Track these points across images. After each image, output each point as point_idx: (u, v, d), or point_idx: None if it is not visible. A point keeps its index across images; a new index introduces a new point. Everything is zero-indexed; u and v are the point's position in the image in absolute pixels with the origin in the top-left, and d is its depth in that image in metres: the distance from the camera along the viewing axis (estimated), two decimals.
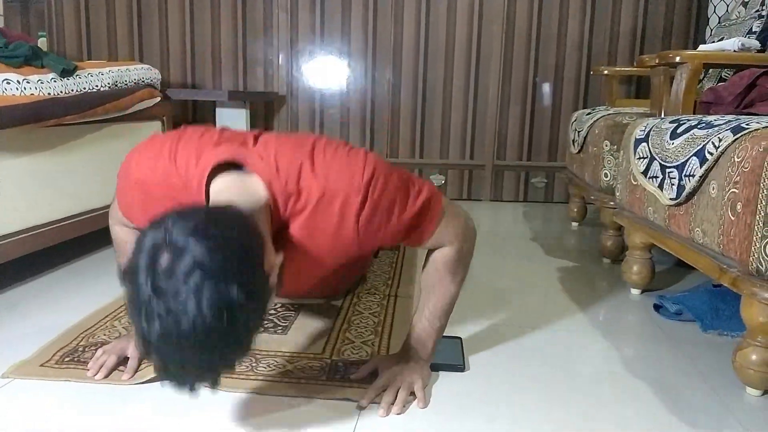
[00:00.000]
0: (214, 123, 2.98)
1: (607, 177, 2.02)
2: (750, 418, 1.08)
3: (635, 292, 1.75)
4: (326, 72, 3.25)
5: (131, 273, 0.77)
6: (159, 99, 2.23)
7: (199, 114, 3.25)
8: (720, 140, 1.22)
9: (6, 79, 1.51)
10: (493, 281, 1.85)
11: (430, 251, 1.16)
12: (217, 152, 1.00)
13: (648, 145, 1.54)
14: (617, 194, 1.75)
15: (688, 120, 1.43)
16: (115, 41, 3.26)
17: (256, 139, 1.07)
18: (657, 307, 1.61)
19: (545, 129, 3.23)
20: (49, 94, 1.63)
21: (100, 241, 2.10)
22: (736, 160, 1.14)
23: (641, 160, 1.57)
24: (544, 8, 3.12)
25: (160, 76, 2.30)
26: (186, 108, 3.24)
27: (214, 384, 0.84)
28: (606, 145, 2.01)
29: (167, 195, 1.01)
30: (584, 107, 3.10)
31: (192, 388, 0.81)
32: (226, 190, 0.97)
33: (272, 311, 1.50)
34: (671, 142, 1.42)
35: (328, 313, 1.51)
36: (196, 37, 3.24)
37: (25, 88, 1.55)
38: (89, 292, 1.63)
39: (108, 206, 1.95)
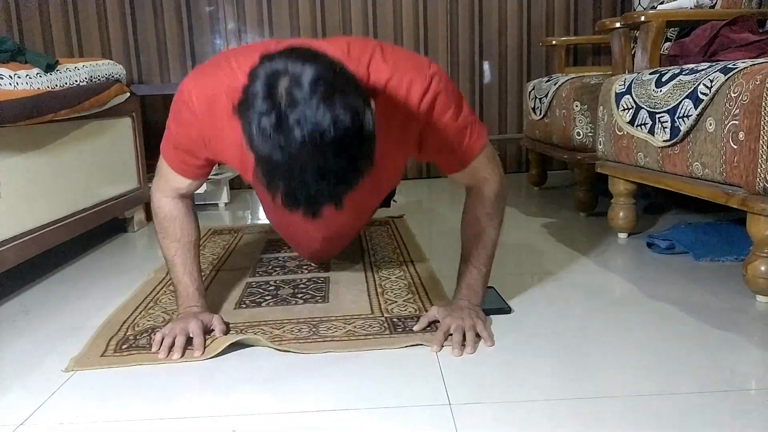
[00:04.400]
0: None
1: (579, 135, 2.16)
2: (766, 318, 1.23)
3: (622, 236, 1.90)
4: None
5: (252, 98, 0.79)
6: (128, 95, 2.17)
7: (157, 109, 3.15)
8: (711, 81, 1.36)
9: None
10: None
11: (468, 198, 1.23)
12: (284, 43, 0.98)
13: (632, 96, 1.68)
14: (600, 147, 1.90)
15: (669, 70, 1.58)
16: (51, 39, 3.10)
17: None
18: (649, 246, 1.76)
19: (494, 103, 3.37)
20: (38, 88, 1.56)
21: (93, 241, 2.04)
22: (733, 95, 1.28)
23: (626, 111, 1.71)
24: None
25: (124, 72, 2.23)
26: (143, 104, 3.14)
27: (339, 204, 0.85)
28: (576, 106, 2.16)
29: (234, 99, 0.97)
30: (528, 80, 3.27)
31: (319, 208, 0.85)
32: None
33: (302, 286, 1.53)
34: (658, 90, 1.56)
35: (356, 282, 1.55)
36: (139, 33, 3.14)
37: (17, 83, 1.49)
38: (96, 291, 1.59)
39: (99, 204, 1.92)
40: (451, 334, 1.16)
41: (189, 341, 1.17)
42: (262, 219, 2.48)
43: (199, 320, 1.20)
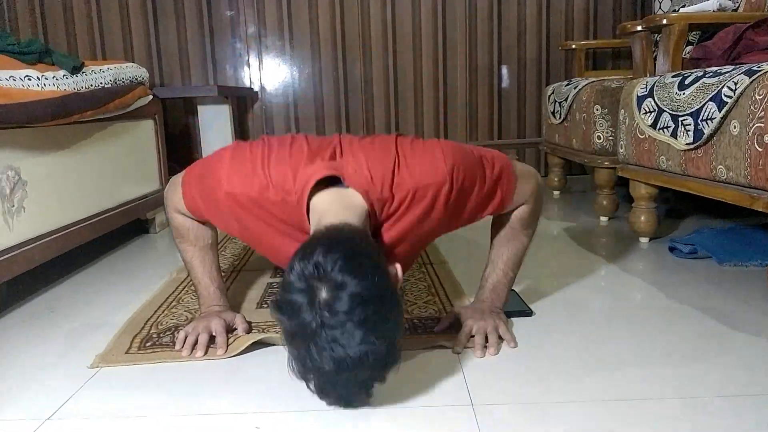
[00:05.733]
0: (196, 120, 2.95)
1: (600, 139, 2.15)
2: None
3: (644, 240, 1.88)
4: (297, 67, 3.27)
5: (292, 308, 0.84)
6: (151, 97, 2.20)
7: (179, 112, 3.19)
8: (736, 84, 1.35)
9: (27, 75, 1.46)
10: None
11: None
12: (314, 169, 1.04)
13: (654, 99, 1.67)
14: (621, 151, 1.88)
15: (692, 72, 1.57)
16: (75, 42, 3.15)
17: (340, 146, 1.12)
18: (671, 250, 1.74)
19: (512, 108, 3.37)
20: (65, 90, 1.59)
21: (115, 242, 2.07)
22: (758, 97, 1.27)
23: (647, 114, 1.70)
24: None
25: (148, 74, 2.26)
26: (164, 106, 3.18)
27: (369, 397, 0.93)
28: (597, 110, 2.15)
29: (262, 208, 1.06)
30: (547, 84, 3.26)
31: (350, 404, 0.93)
32: (328, 205, 1.02)
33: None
34: (681, 92, 1.55)
35: None
36: (161, 36, 3.18)
37: (45, 84, 1.51)
38: (120, 289, 1.61)
39: (123, 204, 1.95)
40: (473, 336, 1.16)
41: (212, 339, 1.18)
42: None
43: (222, 319, 1.21)
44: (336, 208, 1.01)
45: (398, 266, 0.98)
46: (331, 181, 1.04)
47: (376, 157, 1.08)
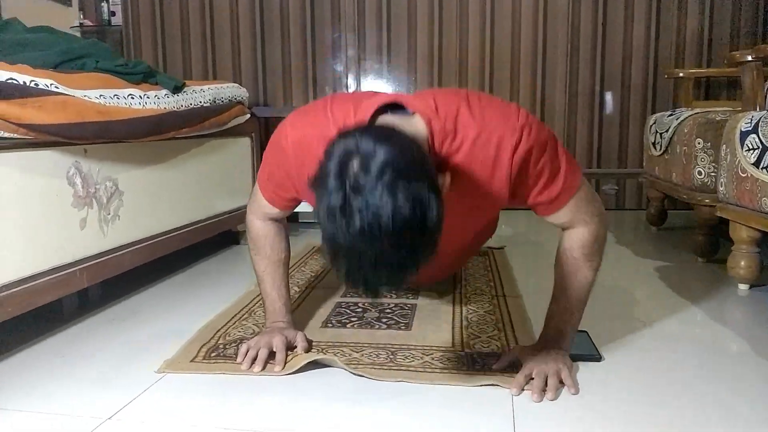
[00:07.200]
0: None
1: (701, 175, 2.01)
2: None
3: (743, 287, 1.73)
4: (393, 89, 3.31)
5: (324, 177, 0.82)
6: (249, 116, 2.31)
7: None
8: None
9: (130, 94, 1.59)
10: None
11: (565, 236, 1.17)
12: (377, 99, 1.03)
13: (758, 136, 1.54)
14: (721, 189, 1.75)
15: None
16: (189, 64, 3.39)
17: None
18: None
19: (614, 135, 3.22)
20: (165, 108, 1.71)
21: (206, 251, 2.18)
22: None
23: (751, 151, 1.56)
24: (609, 14, 3.14)
25: (247, 94, 2.38)
26: (261, 125, 3.33)
27: (399, 287, 0.88)
28: (699, 143, 2.01)
29: (324, 148, 1.01)
30: (653, 112, 3.09)
31: (378, 291, 0.86)
32: (387, 124, 0.99)
33: (388, 311, 1.53)
34: None
35: (442, 312, 1.53)
36: (267, 58, 3.34)
37: (146, 103, 1.63)
38: (202, 298, 1.69)
39: (214, 216, 2.06)
40: (532, 378, 1.11)
41: (272, 355, 1.21)
42: None
43: (283, 336, 1.24)
44: (395, 126, 0.96)
45: (447, 175, 0.94)
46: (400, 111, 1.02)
47: (446, 95, 1.06)
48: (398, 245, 0.80)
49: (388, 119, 1.00)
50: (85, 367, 1.21)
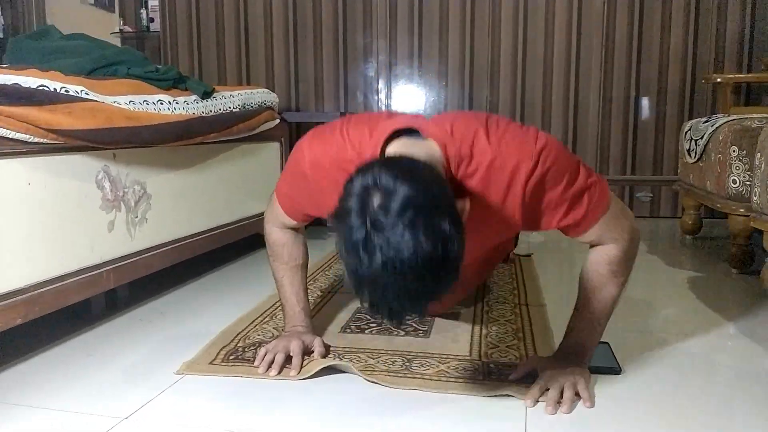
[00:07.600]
0: None
1: (735, 183, 1.95)
2: None
3: None
4: (424, 93, 3.31)
5: (345, 214, 0.84)
6: (278, 121, 2.34)
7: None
8: None
9: (159, 100, 1.63)
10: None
11: (593, 250, 1.15)
12: (392, 122, 1.04)
13: None
14: (755, 198, 1.69)
15: None
16: (224, 69, 3.45)
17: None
18: None
19: (649, 142, 3.16)
20: (194, 113, 1.74)
21: (232, 255, 2.22)
22: None
23: None
24: (645, 18, 3.08)
25: (278, 100, 2.41)
26: (292, 130, 3.38)
27: (422, 314, 0.89)
28: (734, 151, 1.95)
29: (341, 170, 1.03)
30: (690, 118, 3.01)
31: (401, 319, 0.88)
32: (401, 149, 1.00)
33: (407, 318, 1.53)
34: None
35: (463, 320, 1.52)
36: (300, 64, 3.38)
37: (174, 108, 1.67)
38: (227, 301, 1.71)
39: (242, 220, 2.10)
40: (548, 389, 1.09)
41: (289, 359, 1.22)
42: None
43: (301, 341, 1.25)
44: (409, 151, 0.98)
45: (467, 201, 0.95)
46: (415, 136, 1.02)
47: (463, 119, 1.06)
48: (421, 278, 0.83)
49: (402, 144, 1.01)
50: (110, 367, 1.25)
